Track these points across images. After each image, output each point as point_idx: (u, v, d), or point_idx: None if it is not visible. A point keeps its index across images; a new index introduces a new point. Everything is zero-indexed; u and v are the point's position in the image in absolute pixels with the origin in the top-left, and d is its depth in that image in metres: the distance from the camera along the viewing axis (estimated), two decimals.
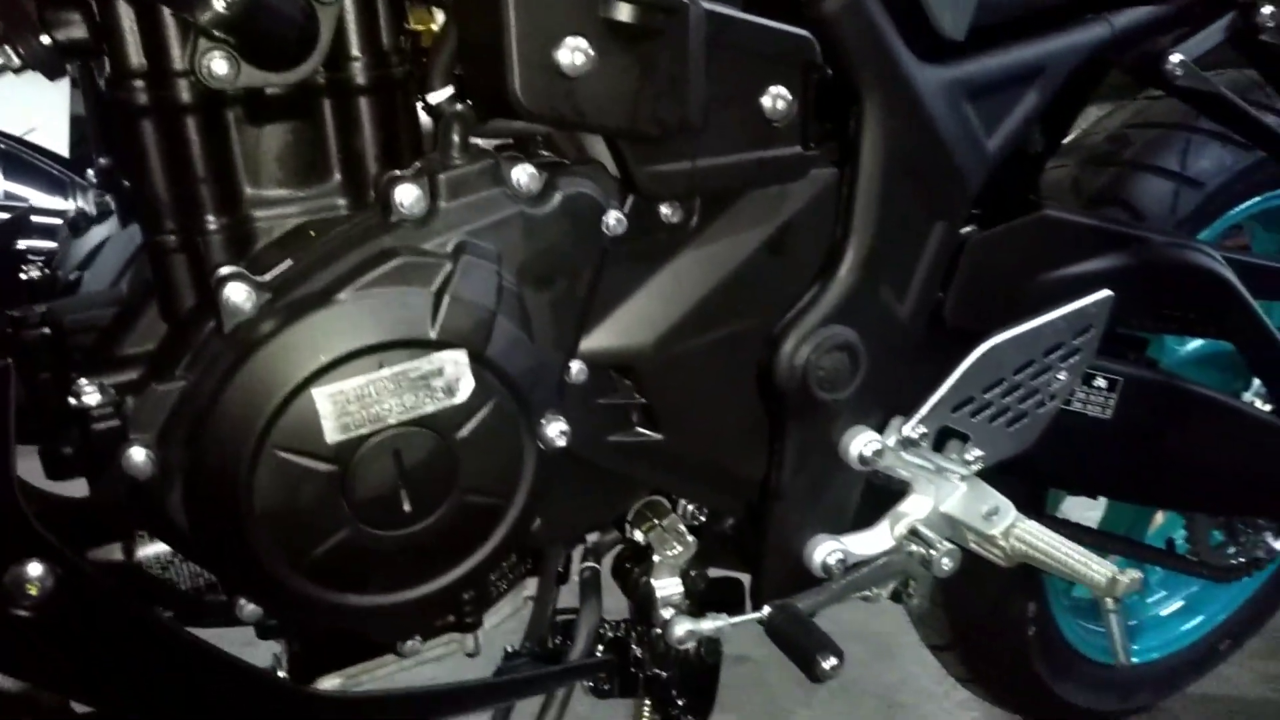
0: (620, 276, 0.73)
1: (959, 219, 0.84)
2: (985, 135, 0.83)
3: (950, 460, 0.88)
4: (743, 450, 0.83)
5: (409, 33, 0.69)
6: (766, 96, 0.72)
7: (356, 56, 0.65)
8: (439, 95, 0.68)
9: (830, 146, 0.79)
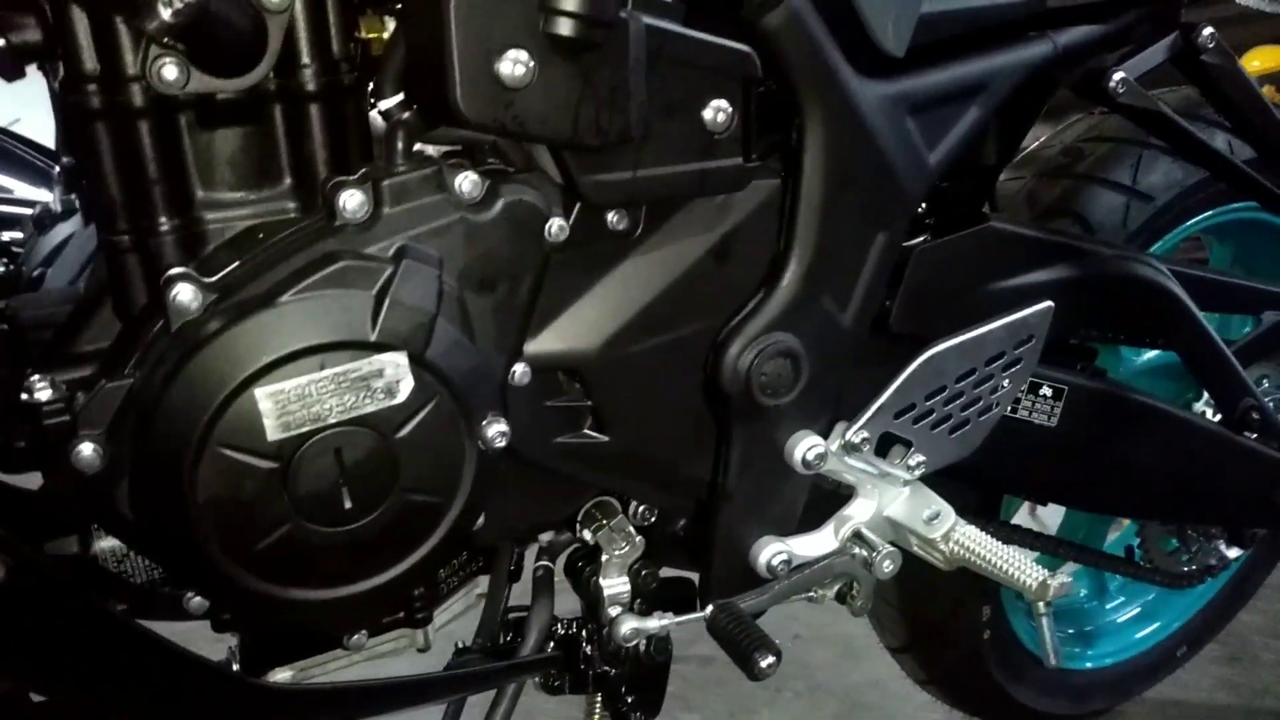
0: (567, 281, 0.75)
1: (901, 230, 0.86)
2: (927, 149, 0.86)
3: (893, 465, 0.91)
4: (689, 453, 0.85)
5: (360, 41, 0.71)
6: (707, 109, 0.74)
7: (306, 64, 0.67)
8: (390, 102, 0.70)
9: (775, 158, 0.82)
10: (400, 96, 0.70)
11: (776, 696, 1.55)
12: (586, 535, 0.87)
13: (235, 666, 0.78)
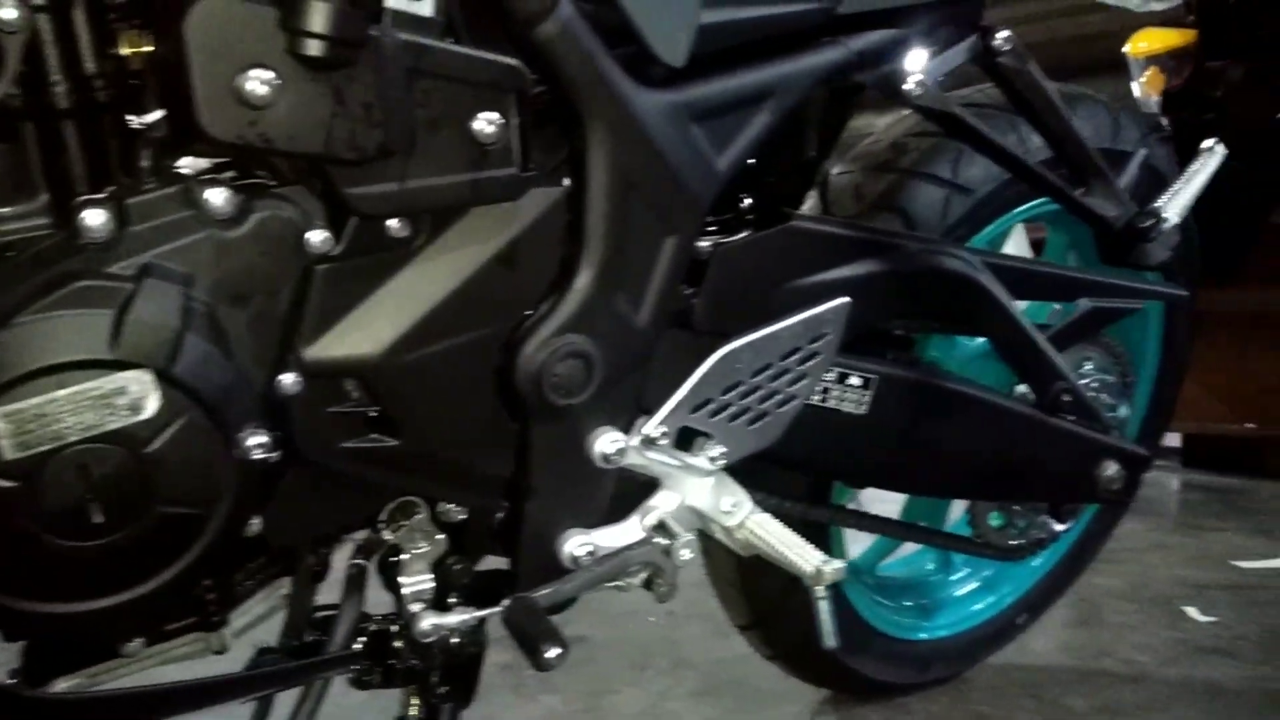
0: (345, 289, 0.77)
1: (691, 233, 0.89)
2: (715, 154, 0.88)
3: (694, 457, 0.94)
4: (487, 453, 0.87)
5: (117, 57, 0.71)
6: (476, 121, 0.75)
7: (56, 80, 0.67)
8: (150, 118, 0.70)
9: (561, 165, 0.84)
10: (162, 112, 0.70)
11: (641, 675, 1.59)
12: (387, 535, 0.89)
13: (10, 680, 0.78)
